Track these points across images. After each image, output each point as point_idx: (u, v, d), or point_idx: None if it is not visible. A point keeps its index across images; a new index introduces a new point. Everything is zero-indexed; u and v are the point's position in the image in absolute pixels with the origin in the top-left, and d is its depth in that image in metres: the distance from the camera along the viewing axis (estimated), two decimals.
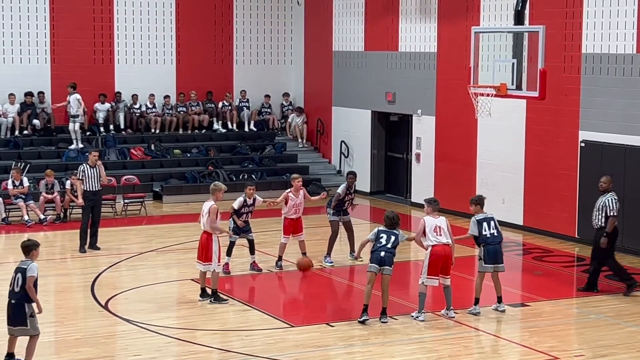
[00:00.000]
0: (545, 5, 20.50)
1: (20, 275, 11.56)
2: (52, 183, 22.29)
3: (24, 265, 11.64)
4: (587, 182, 19.79)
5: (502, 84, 16.66)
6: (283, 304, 15.91)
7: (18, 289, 11.55)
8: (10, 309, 11.65)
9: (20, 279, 11.55)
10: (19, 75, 26.07)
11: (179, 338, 13.27)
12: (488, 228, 14.59)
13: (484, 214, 14.76)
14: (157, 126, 27.31)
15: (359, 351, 12.87)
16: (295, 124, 28.60)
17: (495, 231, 14.64)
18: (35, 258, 11.78)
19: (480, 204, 14.79)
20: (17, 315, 11.60)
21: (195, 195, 25.05)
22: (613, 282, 16.86)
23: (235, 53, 28.76)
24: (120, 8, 27.23)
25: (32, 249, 11.80)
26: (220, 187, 15.28)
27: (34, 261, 11.74)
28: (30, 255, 11.76)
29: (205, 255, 14.91)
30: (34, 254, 11.78)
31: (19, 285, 11.54)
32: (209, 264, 14.89)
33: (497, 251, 14.62)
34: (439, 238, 14.14)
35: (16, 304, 11.58)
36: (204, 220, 14.95)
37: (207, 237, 14.92)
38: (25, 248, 11.81)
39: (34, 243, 11.94)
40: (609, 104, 19.43)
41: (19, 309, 11.57)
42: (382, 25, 25.66)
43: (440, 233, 14.19)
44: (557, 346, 13.12)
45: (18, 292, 11.55)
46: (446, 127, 23.74)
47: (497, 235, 14.66)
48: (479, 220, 14.62)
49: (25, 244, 11.87)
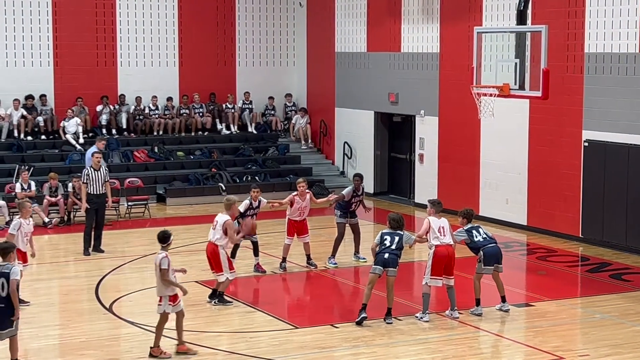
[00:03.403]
0: (547, 4, 20.48)
1: (4, 279, 11.40)
2: (55, 186, 22.31)
3: (5, 269, 11.46)
4: (591, 182, 19.79)
5: (505, 84, 16.64)
6: (287, 306, 15.91)
7: (5, 294, 11.41)
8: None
9: (5, 283, 11.40)
10: (22, 79, 26.09)
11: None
12: (479, 234, 14.69)
13: (470, 224, 14.83)
14: (160, 128, 27.34)
15: (364, 352, 12.87)
16: (299, 125, 28.60)
17: (486, 235, 14.74)
18: (12, 261, 11.66)
19: (468, 219, 14.83)
20: (6, 320, 11.47)
21: (199, 197, 25.14)
22: (618, 281, 16.86)
23: (237, 55, 28.77)
24: (123, 11, 27.25)
25: (9, 251, 11.68)
26: (235, 200, 15.25)
27: (13, 264, 11.63)
28: (8, 258, 11.62)
29: (217, 266, 14.89)
30: (11, 257, 11.66)
31: (5, 290, 11.40)
32: (222, 273, 14.89)
33: (496, 252, 14.65)
34: (442, 239, 14.19)
35: (5, 308, 11.42)
36: (213, 232, 14.88)
37: (213, 248, 14.90)
38: (3, 251, 11.66)
39: (11, 245, 11.95)
40: (612, 103, 19.41)
41: (8, 314, 11.45)
42: (384, 26, 25.65)
43: (444, 234, 14.23)
44: (561, 346, 13.10)
45: (5, 296, 11.41)
46: (449, 128, 23.73)
47: (491, 238, 14.74)
48: (467, 229, 14.71)
49: (2, 247, 11.76)
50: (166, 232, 12.78)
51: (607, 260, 18.60)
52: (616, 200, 19.23)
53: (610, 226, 19.41)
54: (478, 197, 22.67)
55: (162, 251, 12.64)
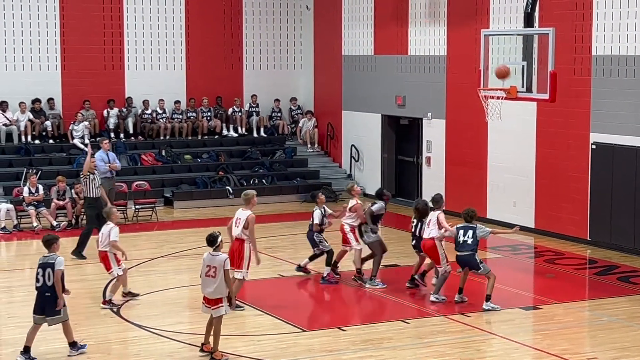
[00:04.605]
0: (554, 7, 20.47)
1: (50, 270, 12.33)
2: (63, 189, 22.36)
3: (50, 260, 12.42)
4: (599, 184, 19.76)
5: (512, 87, 16.64)
6: (295, 309, 15.89)
7: (51, 283, 12.33)
8: (45, 302, 12.38)
9: (51, 273, 12.32)
10: (30, 82, 26.15)
11: (191, 343, 13.28)
12: (463, 235, 15.09)
13: (466, 224, 15.27)
14: (168, 132, 27.37)
15: (371, 355, 12.86)
16: (306, 128, 28.61)
17: (469, 239, 15.03)
18: (57, 251, 12.56)
19: (465, 218, 15.33)
20: (52, 306, 12.36)
21: (206, 201, 25.16)
22: (626, 284, 16.83)
23: (245, 58, 28.79)
24: (130, 14, 27.30)
25: (52, 242, 12.59)
26: (254, 194, 15.18)
27: (58, 254, 12.53)
28: (52, 249, 12.54)
29: (239, 262, 14.86)
30: (55, 247, 12.56)
31: (51, 279, 12.33)
32: (241, 270, 14.87)
33: (465, 261, 15.14)
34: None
35: (51, 296, 12.34)
36: (238, 229, 14.88)
37: (239, 244, 14.88)
38: (47, 242, 12.63)
39: (54, 237, 12.79)
40: (620, 105, 19.38)
41: (54, 301, 12.35)
42: (391, 29, 25.65)
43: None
44: (569, 349, 13.09)
45: (51, 286, 12.33)
46: (456, 130, 23.72)
47: (469, 244, 15.04)
48: (459, 227, 15.24)
49: (46, 239, 12.69)
50: (213, 235, 12.84)
51: (615, 263, 18.57)
52: (624, 203, 19.19)
53: (618, 229, 19.38)
54: (485, 200, 22.65)
55: (219, 252, 12.74)
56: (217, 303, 12.66)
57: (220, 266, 12.59)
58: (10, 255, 20.67)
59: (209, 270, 12.66)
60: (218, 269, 12.58)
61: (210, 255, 12.77)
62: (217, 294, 12.65)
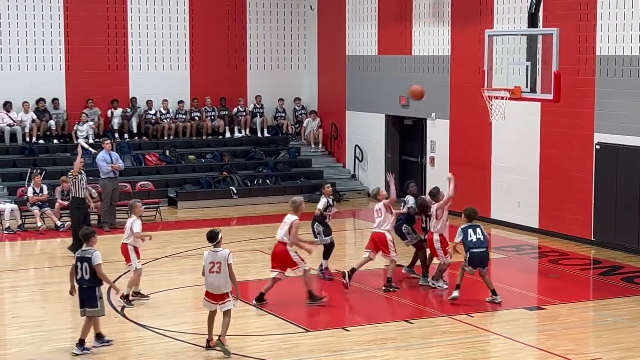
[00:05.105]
0: (559, 7, 20.45)
1: (86, 263, 12.68)
2: (67, 189, 22.34)
3: (87, 254, 12.76)
4: (603, 185, 19.74)
5: (517, 87, 16.64)
6: (298, 309, 15.87)
7: (88, 276, 12.69)
8: (84, 294, 12.78)
9: (87, 267, 12.65)
10: (34, 83, 26.18)
11: (195, 343, 13.29)
12: (474, 233, 15.15)
13: (470, 223, 15.36)
14: (171, 132, 27.39)
15: (375, 355, 12.86)
16: (310, 128, 28.61)
17: (481, 236, 15.14)
18: (94, 245, 12.86)
19: (468, 218, 15.40)
20: (90, 298, 12.73)
21: (210, 201, 25.17)
22: (630, 284, 16.81)
23: (249, 58, 28.80)
24: (134, 14, 27.32)
25: (90, 236, 12.91)
26: (301, 201, 15.45)
27: (95, 248, 12.82)
28: (90, 243, 12.85)
29: (288, 263, 15.17)
30: (92, 241, 12.88)
31: (88, 272, 12.66)
32: (298, 267, 15.21)
33: (482, 257, 15.13)
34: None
35: (88, 288, 12.72)
36: (282, 231, 15.12)
37: (282, 247, 15.14)
38: (85, 236, 12.93)
39: (92, 230, 13.12)
40: (624, 105, 19.36)
41: (91, 293, 12.72)
42: (395, 29, 25.65)
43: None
44: (574, 349, 13.07)
45: (88, 279, 12.69)
46: (460, 131, 23.70)
47: (483, 241, 15.15)
48: (464, 227, 15.24)
49: (84, 232, 13.03)
50: (214, 231, 13.06)
51: (619, 263, 18.55)
52: (628, 203, 19.16)
53: (622, 229, 19.35)
54: (489, 200, 22.64)
55: (220, 248, 12.95)
56: (223, 298, 12.88)
57: (224, 261, 12.81)
58: (14, 255, 20.68)
59: (212, 266, 12.80)
60: (222, 264, 12.79)
61: (211, 252, 12.99)
62: (224, 289, 12.85)
